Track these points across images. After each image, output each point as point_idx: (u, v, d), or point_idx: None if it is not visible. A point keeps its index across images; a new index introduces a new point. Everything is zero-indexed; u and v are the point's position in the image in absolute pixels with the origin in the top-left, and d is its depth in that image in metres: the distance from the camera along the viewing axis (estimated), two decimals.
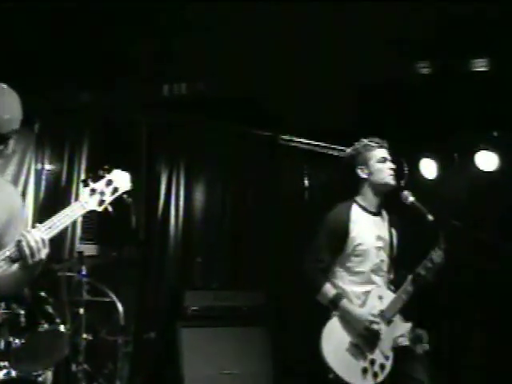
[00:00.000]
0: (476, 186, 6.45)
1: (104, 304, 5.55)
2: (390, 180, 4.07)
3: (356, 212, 4.07)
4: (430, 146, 6.70)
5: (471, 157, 6.44)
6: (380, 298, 3.95)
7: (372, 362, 3.77)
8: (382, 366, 3.79)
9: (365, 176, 4.09)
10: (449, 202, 6.17)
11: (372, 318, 3.82)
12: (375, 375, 3.76)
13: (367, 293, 3.94)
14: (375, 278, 3.99)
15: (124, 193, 3.03)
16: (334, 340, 3.78)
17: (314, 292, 3.92)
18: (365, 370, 3.74)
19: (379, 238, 4.06)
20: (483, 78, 5.51)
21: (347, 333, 3.81)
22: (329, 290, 3.90)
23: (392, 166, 4.08)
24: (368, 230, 4.03)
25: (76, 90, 5.95)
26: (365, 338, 3.80)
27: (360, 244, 3.97)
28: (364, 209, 4.10)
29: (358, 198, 4.13)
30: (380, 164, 4.06)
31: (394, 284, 4.06)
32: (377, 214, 4.14)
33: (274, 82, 5.78)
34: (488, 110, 5.88)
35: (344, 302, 3.86)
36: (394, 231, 4.16)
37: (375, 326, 3.80)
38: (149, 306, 6.29)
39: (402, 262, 4.09)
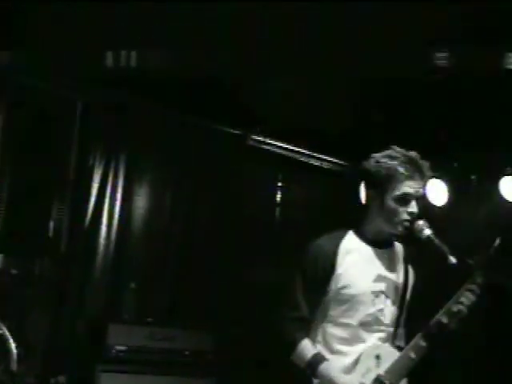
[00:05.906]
0: (498, 219, 6.31)
1: None
2: (400, 230, 3.56)
3: (350, 242, 3.61)
4: (441, 165, 6.43)
5: (494, 182, 6.38)
6: (377, 357, 3.52)
7: None
8: None
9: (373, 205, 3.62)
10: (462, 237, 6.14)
11: None
12: None
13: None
14: (365, 336, 3.56)
15: None
16: None
17: (287, 350, 3.54)
18: None
19: (380, 278, 3.59)
20: None
21: None
22: (306, 348, 3.50)
23: (414, 209, 3.51)
24: (362, 266, 3.57)
25: None
26: None
27: (346, 286, 3.53)
28: (363, 237, 3.61)
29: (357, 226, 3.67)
30: (397, 203, 3.51)
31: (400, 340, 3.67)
32: (383, 245, 3.64)
33: (249, 65, 5.51)
34: None
35: (324, 367, 3.43)
36: (410, 269, 3.69)
37: None
38: (61, 340, 6.04)
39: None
